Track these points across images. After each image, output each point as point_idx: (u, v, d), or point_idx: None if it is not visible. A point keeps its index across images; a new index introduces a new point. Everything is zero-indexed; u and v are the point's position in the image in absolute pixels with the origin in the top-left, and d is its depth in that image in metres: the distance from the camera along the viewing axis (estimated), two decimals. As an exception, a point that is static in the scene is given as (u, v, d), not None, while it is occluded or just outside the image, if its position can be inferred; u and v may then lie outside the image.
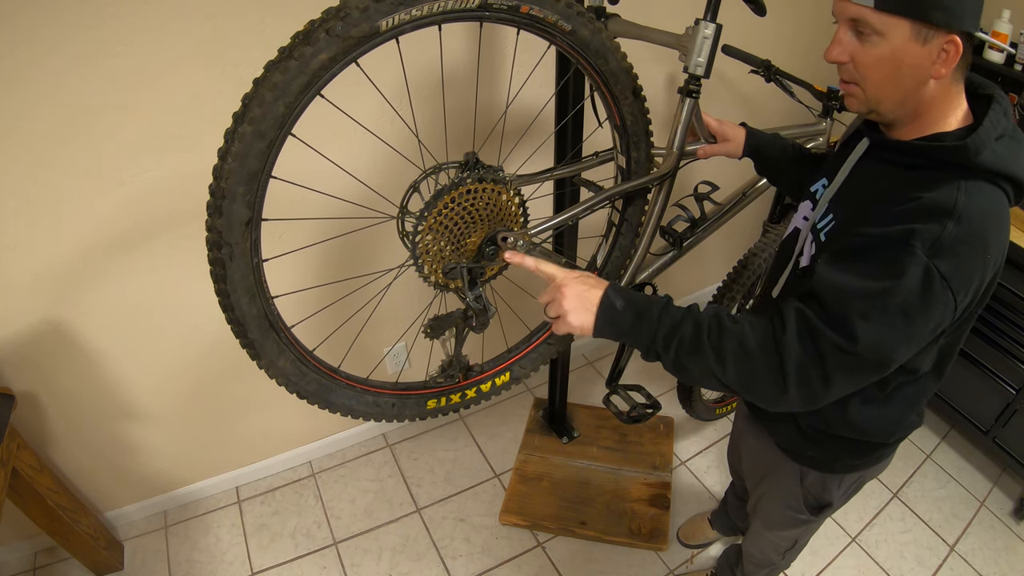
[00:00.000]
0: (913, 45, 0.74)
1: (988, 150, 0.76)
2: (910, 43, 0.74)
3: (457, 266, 0.97)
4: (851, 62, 0.79)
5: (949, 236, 0.73)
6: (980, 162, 0.75)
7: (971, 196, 0.75)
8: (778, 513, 1.25)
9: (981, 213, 0.75)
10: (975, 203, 0.75)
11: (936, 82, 0.77)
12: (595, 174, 1.30)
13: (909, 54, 0.75)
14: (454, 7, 0.79)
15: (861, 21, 0.75)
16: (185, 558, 1.82)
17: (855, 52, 0.78)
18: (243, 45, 1.28)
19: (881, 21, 0.74)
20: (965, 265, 0.75)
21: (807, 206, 0.99)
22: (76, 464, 1.71)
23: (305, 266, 1.61)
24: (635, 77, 1.03)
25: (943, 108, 0.80)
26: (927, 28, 0.72)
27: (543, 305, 0.89)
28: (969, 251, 0.75)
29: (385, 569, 1.80)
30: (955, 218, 0.73)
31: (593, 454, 2.09)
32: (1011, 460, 1.92)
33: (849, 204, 0.88)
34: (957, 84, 0.79)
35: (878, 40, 0.75)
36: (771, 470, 1.21)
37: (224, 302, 0.80)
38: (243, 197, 0.74)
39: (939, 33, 0.73)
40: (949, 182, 0.76)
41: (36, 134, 1.21)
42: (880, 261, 0.76)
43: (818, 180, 0.99)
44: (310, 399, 0.94)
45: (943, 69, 0.75)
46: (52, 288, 1.40)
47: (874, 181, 0.86)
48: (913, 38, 0.73)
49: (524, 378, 1.21)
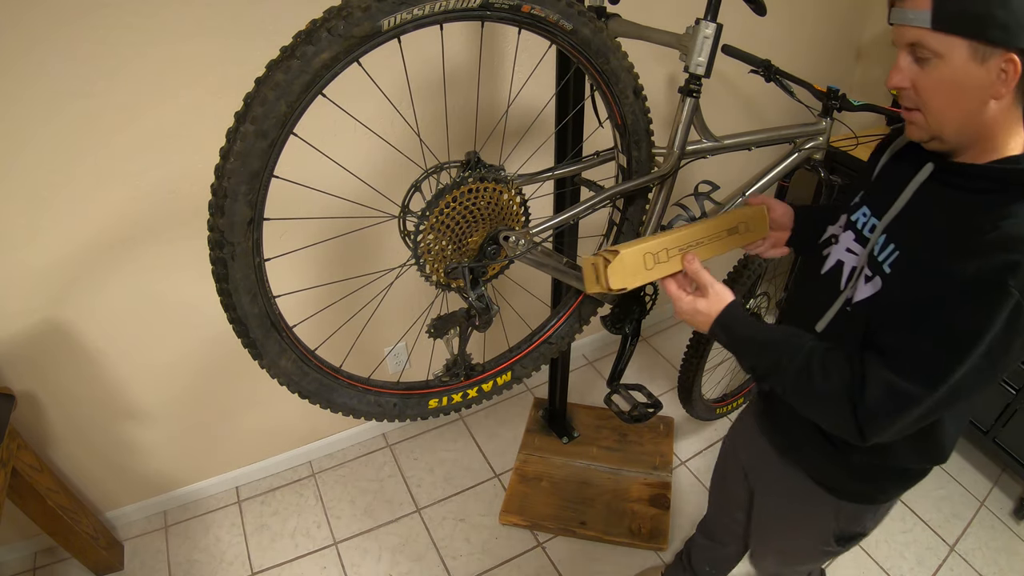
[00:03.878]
0: (972, 66, 0.73)
1: None
2: (969, 64, 0.73)
3: (459, 265, 0.97)
4: (912, 88, 0.79)
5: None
6: None
7: None
8: (802, 548, 1.21)
9: None
10: None
11: (997, 104, 0.76)
12: (596, 173, 1.30)
13: (969, 75, 0.74)
14: (456, 6, 0.79)
15: (919, 44, 0.75)
16: (185, 558, 1.82)
17: (916, 77, 0.78)
18: (244, 45, 1.28)
19: (939, 42, 0.73)
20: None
21: (849, 237, 0.96)
22: (76, 464, 1.71)
23: (307, 266, 1.61)
24: (636, 76, 1.03)
25: (1007, 131, 0.79)
26: (985, 47, 0.71)
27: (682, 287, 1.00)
28: None
29: (385, 569, 1.80)
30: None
31: (593, 454, 2.09)
32: (1011, 460, 1.92)
33: (916, 233, 0.84)
34: (1018, 105, 0.77)
35: (937, 63, 0.75)
36: (800, 507, 1.14)
37: (226, 302, 0.80)
38: (245, 196, 0.74)
39: (997, 52, 0.71)
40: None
41: (37, 135, 1.21)
42: (973, 305, 0.75)
43: (857, 210, 0.96)
44: (312, 399, 0.93)
45: (1003, 89, 0.74)
46: (52, 288, 1.40)
47: (942, 209, 0.83)
48: (972, 58, 0.73)
49: (525, 377, 1.21)
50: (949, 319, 0.77)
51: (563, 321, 1.23)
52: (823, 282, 0.99)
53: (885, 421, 0.81)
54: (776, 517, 1.23)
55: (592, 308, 1.26)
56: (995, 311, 0.72)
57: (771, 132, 1.36)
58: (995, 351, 0.75)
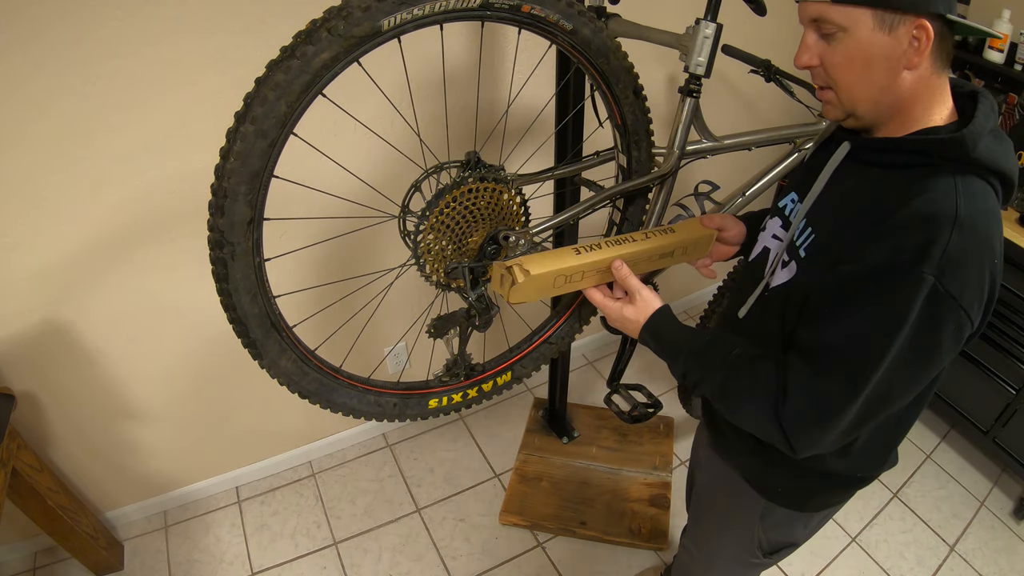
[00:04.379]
0: (879, 35, 0.69)
1: (983, 143, 0.71)
2: (875, 33, 0.69)
3: (459, 265, 0.97)
4: (821, 65, 0.75)
5: (955, 247, 0.67)
6: (977, 156, 0.70)
7: (970, 197, 0.69)
8: (729, 554, 1.15)
9: (982, 213, 0.69)
10: (975, 203, 0.69)
11: (912, 74, 0.71)
12: (596, 173, 1.30)
13: (876, 45, 0.70)
14: (456, 6, 0.79)
15: (822, 19, 0.72)
16: (185, 558, 1.82)
17: (823, 54, 0.74)
18: (244, 44, 1.28)
19: (842, 15, 0.70)
20: (973, 276, 0.69)
21: (776, 224, 0.92)
22: (76, 464, 1.71)
23: (307, 266, 1.61)
24: (636, 76, 1.03)
25: (926, 102, 0.74)
26: (891, 14, 0.68)
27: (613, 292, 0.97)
28: (976, 259, 0.69)
29: (385, 569, 1.80)
30: (958, 224, 0.67)
31: (593, 454, 2.09)
32: (1011, 460, 1.92)
33: (831, 214, 0.81)
34: (939, 75, 0.73)
35: (843, 36, 0.71)
36: (728, 504, 1.10)
37: (226, 302, 0.80)
38: (245, 196, 0.74)
39: (906, 18, 0.68)
40: (943, 180, 0.70)
41: (38, 135, 1.21)
42: (885, 295, 0.70)
43: (785, 196, 0.92)
44: (312, 399, 0.93)
45: (916, 58, 0.70)
46: (52, 288, 1.40)
47: (858, 186, 0.79)
48: (877, 27, 0.69)
49: (525, 377, 1.21)
50: (862, 311, 0.72)
51: (563, 321, 1.23)
52: (750, 269, 0.97)
53: (814, 432, 0.77)
54: (708, 508, 1.20)
55: (592, 308, 1.26)
56: (909, 300, 0.68)
57: (771, 132, 1.36)
58: (919, 345, 0.70)
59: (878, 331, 0.71)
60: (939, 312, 0.68)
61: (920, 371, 0.74)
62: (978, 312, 0.71)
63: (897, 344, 0.70)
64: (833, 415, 0.75)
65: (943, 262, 0.67)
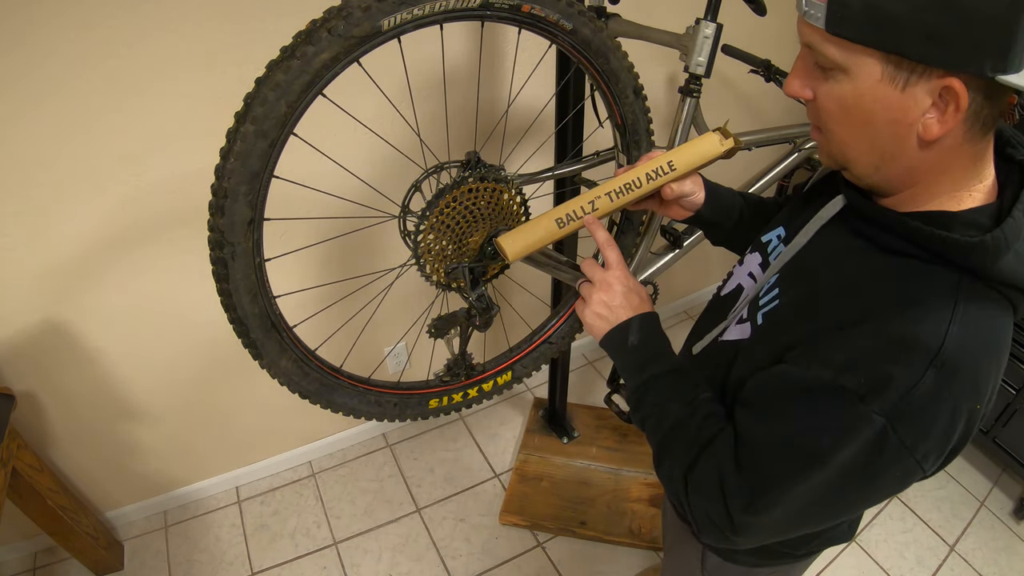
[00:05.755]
0: (887, 90, 0.51)
1: (1012, 253, 0.53)
2: (882, 86, 0.51)
3: (459, 265, 0.97)
4: (814, 100, 0.58)
5: (923, 391, 0.52)
6: (997, 270, 0.53)
7: (968, 324, 0.53)
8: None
9: (978, 349, 0.54)
10: (973, 334, 0.53)
11: (928, 145, 0.52)
12: (596, 173, 1.30)
13: (881, 102, 0.51)
14: (456, 6, 0.79)
15: (815, 50, 0.54)
16: (185, 558, 1.82)
17: (817, 88, 0.57)
18: (244, 45, 1.28)
19: (840, 53, 0.51)
20: (939, 425, 0.54)
21: (755, 260, 0.78)
22: (76, 464, 1.71)
23: (307, 266, 1.61)
24: (636, 76, 1.03)
25: (954, 177, 0.55)
26: (908, 66, 0.49)
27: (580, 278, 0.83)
28: (949, 406, 0.53)
29: (385, 569, 1.80)
30: (937, 362, 0.52)
31: (593, 454, 2.09)
32: (1011, 460, 1.92)
33: (801, 286, 0.66)
34: (972, 146, 0.53)
35: (840, 77, 0.53)
36: (675, 541, 1.04)
37: (226, 302, 0.80)
38: (245, 197, 0.74)
39: (928, 74, 0.49)
40: (941, 291, 0.54)
41: (36, 135, 1.21)
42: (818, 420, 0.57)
43: (773, 229, 0.77)
44: (312, 399, 0.93)
45: (936, 128, 0.50)
46: (52, 288, 1.40)
47: (839, 261, 0.63)
48: (887, 80, 0.50)
49: (525, 377, 1.21)
50: (791, 423, 0.59)
51: (563, 321, 1.23)
52: (720, 303, 0.84)
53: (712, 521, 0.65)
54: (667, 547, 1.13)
55: (592, 308, 1.25)
56: (847, 435, 0.54)
57: (771, 132, 1.36)
58: (850, 483, 0.57)
59: (801, 451, 0.57)
60: (881, 457, 0.54)
61: (845, 506, 0.61)
62: (935, 462, 0.57)
63: (819, 474, 0.57)
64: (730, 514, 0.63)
65: (902, 406, 0.52)
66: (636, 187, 0.84)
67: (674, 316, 2.63)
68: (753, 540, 0.66)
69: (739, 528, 0.63)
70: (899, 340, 0.53)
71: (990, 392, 0.57)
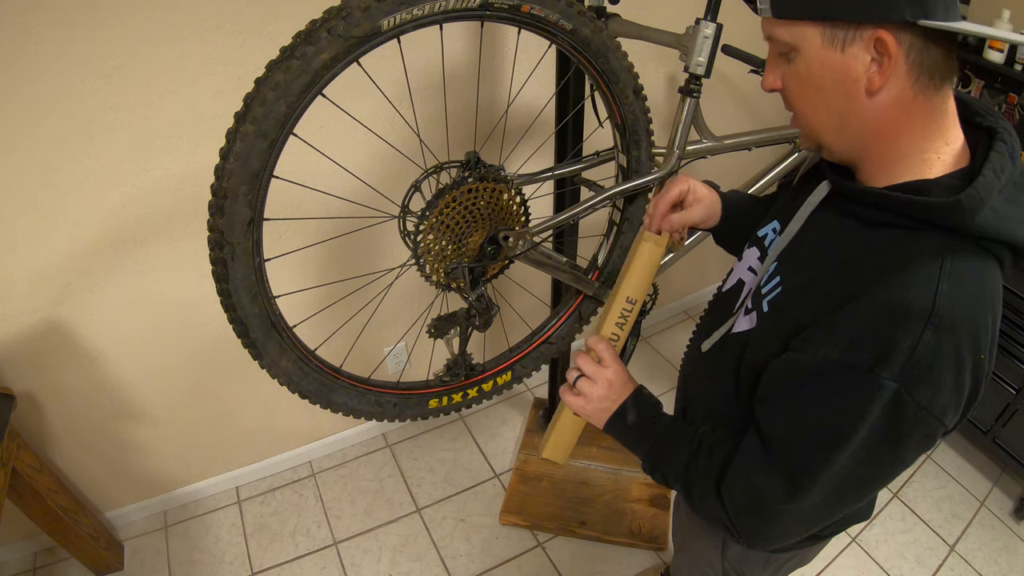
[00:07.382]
0: (829, 54, 0.58)
1: (988, 208, 0.57)
2: (824, 52, 0.58)
3: (459, 265, 0.97)
4: (783, 87, 0.66)
5: (925, 348, 0.55)
6: (976, 226, 0.57)
7: (957, 280, 0.56)
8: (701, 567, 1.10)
9: (971, 301, 0.57)
10: (963, 289, 0.56)
11: (876, 100, 0.58)
12: (596, 173, 1.30)
13: (826, 66, 0.59)
14: (455, 6, 0.79)
15: (774, 40, 0.63)
16: (185, 558, 1.82)
17: (784, 76, 0.65)
18: (244, 45, 1.28)
19: (789, 33, 0.60)
20: (949, 379, 0.57)
21: (753, 255, 0.81)
22: (76, 464, 1.71)
23: (307, 266, 1.61)
24: (636, 76, 1.03)
25: (914, 134, 0.60)
26: (841, 28, 0.57)
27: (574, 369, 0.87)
28: (954, 359, 0.57)
29: (385, 569, 1.80)
30: (933, 320, 0.55)
31: (593, 454, 2.09)
32: (1011, 460, 1.92)
33: (800, 271, 0.69)
34: (927, 97, 0.58)
35: (795, 57, 0.61)
36: (689, 538, 1.08)
37: (226, 302, 0.80)
38: (245, 197, 0.74)
39: (860, 31, 0.56)
40: (928, 254, 0.58)
41: (37, 135, 1.21)
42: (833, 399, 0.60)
43: (768, 223, 0.81)
44: (312, 399, 0.94)
45: (878, 79, 0.57)
46: (52, 288, 1.40)
47: (831, 242, 0.67)
48: (827, 45, 0.58)
49: (525, 377, 1.21)
50: (810, 409, 0.62)
51: (563, 321, 1.23)
52: (723, 299, 0.87)
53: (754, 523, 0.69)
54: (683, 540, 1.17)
55: (592, 308, 1.26)
56: (864, 407, 0.58)
57: (771, 132, 1.36)
58: (876, 452, 0.60)
59: (825, 434, 0.61)
60: (902, 420, 0.58)
61: (877, 477, 0.65)
62: (954, 416, 0.60)
63: (847, 451, 0.60)
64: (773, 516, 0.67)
65: (909, 366, 0.56)
66: (615, 340, 0.89)
67: (674, 316, 2.63)
68: (799, 531, 0.69)
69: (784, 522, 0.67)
70: (894, 306, 0.57)
71: (990, 344, 0.60)
